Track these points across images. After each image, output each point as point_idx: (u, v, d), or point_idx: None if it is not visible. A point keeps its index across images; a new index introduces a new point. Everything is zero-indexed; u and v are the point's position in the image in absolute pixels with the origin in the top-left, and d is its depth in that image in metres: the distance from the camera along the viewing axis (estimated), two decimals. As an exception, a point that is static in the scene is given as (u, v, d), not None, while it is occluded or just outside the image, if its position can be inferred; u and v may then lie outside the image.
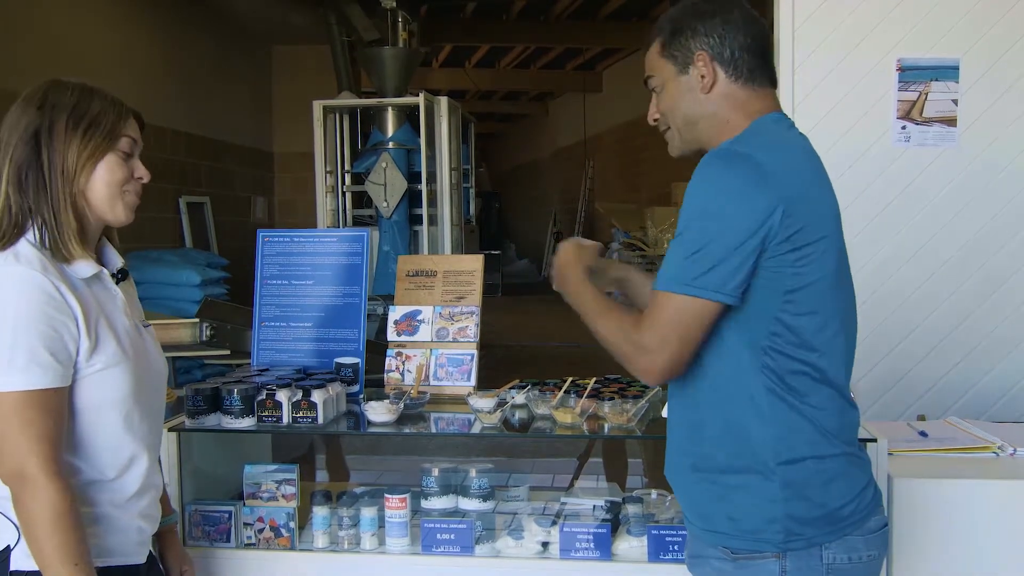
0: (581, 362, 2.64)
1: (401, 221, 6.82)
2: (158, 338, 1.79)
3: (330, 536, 2.17)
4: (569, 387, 2.25)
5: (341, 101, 7.11)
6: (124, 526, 1.61)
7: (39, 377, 1.46)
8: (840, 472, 1.51)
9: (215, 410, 2.17)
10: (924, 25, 3.30)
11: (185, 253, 6.68)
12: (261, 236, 2.55)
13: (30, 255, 1.52)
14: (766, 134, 1.55)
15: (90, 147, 1.56)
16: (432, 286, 2.57)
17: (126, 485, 1.61)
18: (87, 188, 1.58)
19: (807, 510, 1.48)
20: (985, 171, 3.31)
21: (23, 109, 1.56)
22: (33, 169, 1.55)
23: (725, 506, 1.52)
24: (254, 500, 2.18)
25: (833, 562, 1.49)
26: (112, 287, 1.64)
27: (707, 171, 1.47)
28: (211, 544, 2.15)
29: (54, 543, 1.46)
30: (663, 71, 1.61)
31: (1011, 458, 2.21)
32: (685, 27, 1.57)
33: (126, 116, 1.61)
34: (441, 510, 2.24)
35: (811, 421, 1.49)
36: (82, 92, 1.58)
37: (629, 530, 2.14)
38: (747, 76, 1.57)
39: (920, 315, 3.36)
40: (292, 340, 2.48)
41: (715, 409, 1.53)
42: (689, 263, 1.44)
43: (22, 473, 1.46)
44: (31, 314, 1.47)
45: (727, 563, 1.52)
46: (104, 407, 1.56)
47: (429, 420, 2.30)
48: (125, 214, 1.63)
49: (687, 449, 1.59)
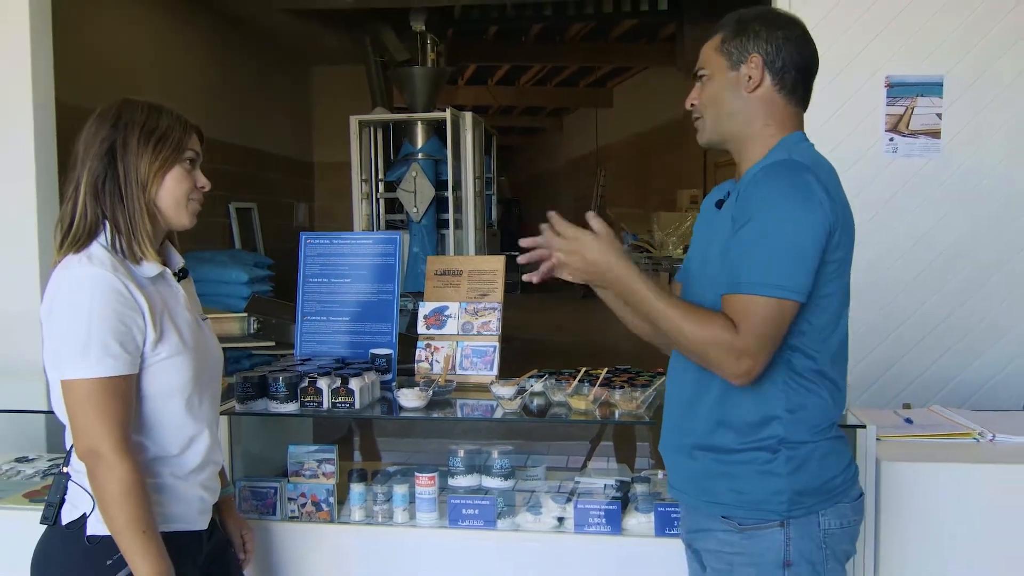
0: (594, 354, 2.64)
1: (429, 225, 6.83)
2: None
3: (366, 510, 2.19)
4: (583, 376, 2.25)
5: (375, 116, 7.13)
6: (187, 496, 1.63)
7: (110, 366, 1.49)
8: (832, 449, 1.55)
9: (262, 396, 2.19)
10: (910, 45, 3.27)
11: (234, 254, 6.70)
12: (304, 238, 2.57)
13: (102, 256, 1.54)
14: (809, 151, 1.55)
15: (159, 160, 1.58)
16: (458, 284, 2.58)
17: (188, 460, 1.63)
18: (157, 197, 1.60)
19: (807, 482, 1.50)
20: (967, 179, 3.28)
21: (98, 126, 1.59)
22: (110, 180, 1.57)
23: (730, 481, 1.52)
24: (297, 477, 2.20)
25: (828, 527, 1.52)
26: (174, 284, 1.66)
27: (781, 179, 1.45)
28: (259, 516, 2.17)
29: (124, 514, 1.48)
30: (715, 64, 1.58)
31: (990, 444, 2.19)
32: (748, 29, 1.55)
33: (189, 131, 1.64)
34: (466, 487, 2.25)
35: (816, 410, 1.51)
36: (151, 110, 1.61)
37: (637, 507, 2.14)
38: (789, 89, 1.56)
39: (906, 312, 3.33)
40: (331, 333, 2.50)
41: (728, 396, 1.51)
42: (774, 267, 1.40)
43: (96, 451, 1.49)
44: (103, 310, 1.49)
45: (733, 534, 1.52)
46: (168, 392, 1.58)
47: (455, 406, 2.31)
48: (190, 220, 1.66)
49: (689, 429, 1.58)
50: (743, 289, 1.42)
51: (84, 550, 1.54)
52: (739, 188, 1.53)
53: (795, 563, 1.49)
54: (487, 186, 7.56)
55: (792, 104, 1.57)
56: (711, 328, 1.42)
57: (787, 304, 1.41)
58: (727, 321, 1.42)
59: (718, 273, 1.51)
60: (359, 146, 6.87)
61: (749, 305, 1.41)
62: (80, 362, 1.48)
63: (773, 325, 1.41)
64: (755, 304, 1.41)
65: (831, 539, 1.52)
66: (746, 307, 1.41)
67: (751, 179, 1.50)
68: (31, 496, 2.29)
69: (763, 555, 1.50)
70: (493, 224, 7.93)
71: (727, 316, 1.43)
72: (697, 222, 1.72)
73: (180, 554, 1.59)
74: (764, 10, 1.59)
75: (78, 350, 1.48)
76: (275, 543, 2.14)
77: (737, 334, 1.40)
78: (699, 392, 1.55)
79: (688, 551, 1.70)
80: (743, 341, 1.40)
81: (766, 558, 1.50)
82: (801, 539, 1.50)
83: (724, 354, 1.41)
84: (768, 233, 1.41)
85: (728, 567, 1.53)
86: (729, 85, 1.56)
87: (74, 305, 1.50)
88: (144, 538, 1.49)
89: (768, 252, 1.41)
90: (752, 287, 1.41)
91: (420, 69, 7.37)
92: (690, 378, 1.57)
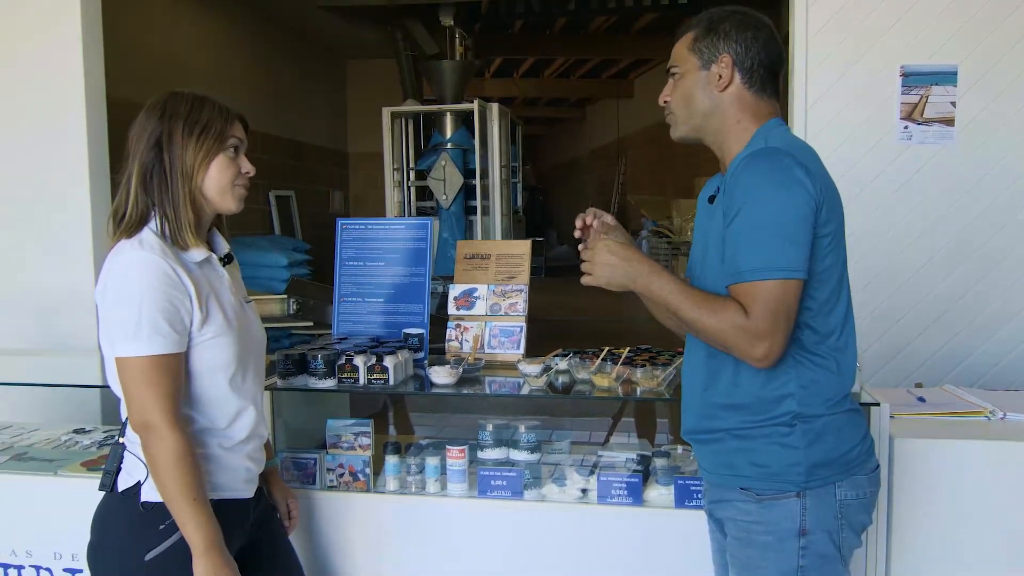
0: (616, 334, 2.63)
1: (458, 212, 6.83)
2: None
3: (400, 481, 2.20)
4: (606, 355, 2.23)
5: (406, 108, 7.13)
6: (233, 466, 1.65)
7: (160, 344, 1.51)
8: (848, 422, 1.53)
9: (302, 372, 2.20)
10: (925, 35, 3.21)
11: (274, 239, 6.75)
12: (340, 224, 2.57)
13: (152, 242, 1.55)
14: (784, 135, 1.54)
15: (203, 149, 1.59)
16: (487, 267, 2.57)
17: (235, 432, 1.65)
18: (203, 184, 1.61)
19: (824, 454, 1.49)
20: (980, 166, 3.22)
21: (147, 118, 1.59)
22: (157, 171, 1.58)
23: (749, 455, 1.51)
24: (335, 449, 2.21)
25: (844, 498, 1.50)
26: (219, 269, 1.67)
27: (760, 167, 1.44)
28: (300, 486, 2.19)
29: (175, 482, 1.50)
30: (687, 62, 1.58)
31: (1001, 422, 2.15)
32: (719, 29, 1.55)
33: (232, 120, 1.64)
34: (494, 460, 2.25)
35: (827, 384, 1.50)
36: (195, 101, 1.61)
37: (658, 480, 2.13)
38: (759, 87, 1.56)
39: (919, 294, 3.28)
40: (366, 313, 2.50)
41: (742, 377, 1.50)
42: (769, 250, 1.40)
43: (148, 423, 1.51)
44: (153, 292, 1.51)
45: (751, 504, 1.51)
46: (214, 369, 1.60)
47: (484, 383, 2.30)
48: (236, 204, 1.66)
49: (707, 412, 1.57)
50: (746, 277, 1.42)
51: (138, 515, 1.56)
52: (724, 181, 1.52)
53: (811, 532, 1.48)
54: (513, 174, 7.54)
55: (763, 99, 1.56)
56: (726, 316, 1.42)
57: (790, 284, 1.41)
58: (739, 307, 1.42)
59: (717, 266, 1.51)
60: (391, 136, 6.88)
61: (754, 291, 1.41)
62: (132, 341, 1.50)
63: (781, 306, 1.41)
64: (760, 289, 1.40)
65: (847, 510, 1.51)
66: (752, 293, 1.41)
67: (732, 171, 1.49)
68: (88, 465, 2.33)
69: (780, 524, 1.49)
70: (519, 210, 7.92)
71: (739, 303, 1.43)
72: (696, 218, 1.72)
73: (227, 521, 1.60)
74: (734, 10, 1.58)
75: (130, 330, 1.50)
76: (315, 511, 2.16)
77: (748, 319, 1.40)
78: (713, 375, 1.55)
79: (710, 521, 1.70)
80: (755, 325, 1.40)
81: (783, 527, 1.49)
82: (817, 509, 1.49)
83: (741, 340, 1.41)
84: (758, 219, 1.41)
85: (746, 534, 1.53)
86: (700, 83, 1.56)
87: (126, 287, 1.52)
88: (194, 505, 1.51)
89: (761, 237, 1.41)
90: (754, 273, 1.41)
91: (449, 62, 7.34)
92: (704, 362, 1.56)
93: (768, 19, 1.59)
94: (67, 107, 3.44)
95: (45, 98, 3.46)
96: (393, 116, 6.88)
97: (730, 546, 1.58)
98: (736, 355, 1.45)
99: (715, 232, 1.53)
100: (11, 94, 3.49)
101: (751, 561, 1.53)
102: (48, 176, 3.49)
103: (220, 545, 1.53)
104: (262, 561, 1.75)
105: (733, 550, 1.57)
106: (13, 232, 3.54)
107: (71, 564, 2.22)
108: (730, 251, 1.45)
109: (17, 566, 2.26)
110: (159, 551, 1.54)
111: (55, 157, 3.47)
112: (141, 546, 1.55)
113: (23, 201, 3.52)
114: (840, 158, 3.11)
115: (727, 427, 1.54)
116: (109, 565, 1.59)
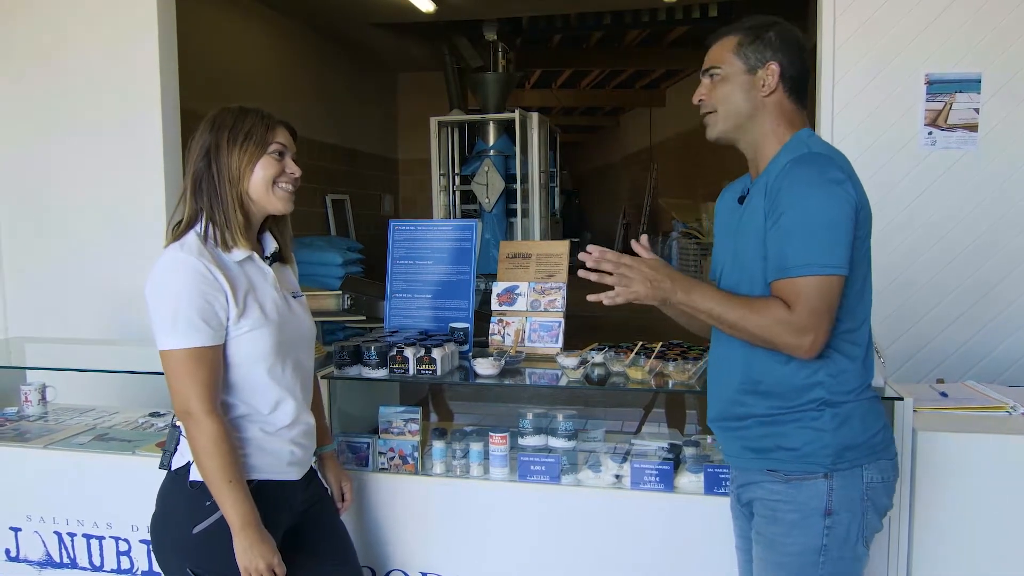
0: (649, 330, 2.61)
1: (500, 214, 6.84)
2: (310, 307, 1.82)
3: (445, 465, 2.21)
4: (639, 349, 2.22)
5: (452, 117, 7.15)
6: (276, 450, 1.66)
7: (196, 338, 1.53)
8: (871, 408, 1.52)
9: (357, 363, 2.23)
10: (950, 45, 3.12)
11: (330, 239, 6.81)
12: (392, 225, 2.59)
13: (192, 244, 1.58)
14: (823, 144, 1.53)
15: (246, 155, 1.60)
16: (527, 266, 2.57)
17: (278, 419, 1.66)
18: (249, 188, 1.62)
19: (852, 437, 1.48)
20: (1002, 170, 3.12)
21: (200, 132, 1.63)
22: (207, 179, 1.60)
23: (778, 438, 1.50)
24: (386, 434, 2.23)
25: (871, 481, 1.49)
26: (263, 266, 1.67)
27: (807, 171, 1.43)
28: (354, 468, 2.21)
29: (212, 464, 1.53)
30: (732, 66, 1.54)
31: (1022, 416, 2.08)
32: (765, 37, 1.53)
33: (274, 126, 1.64)
34: (534, 447, 2.25)
35: (853, 372, 1.49)
36: (239, 113, 1.63)
37: (688, 467, 2.11)
38: (796, 96, 1.56)
39: (942, 293, 3.19)
40: (416, 308, 2.52)
41: (774, 364, 1.48)
42: (815, 247, 1.39)
43: (187, 411, 1.54)
44: (189, 290, 1.53)
45: (779, 484, 1.50)
46: (253, 360, 1.61)
47: (524, 374, 2.30)
48: (283, 205, 1.66)
49: (739, 400, 1.54)
50: (792, 272, 1.40)
51: (187, 492, 1.60)
52: (766, 183, 1.48)
53: (836, 512, 1.46)
54: (551, 179, 7.51)
55: (798, 108, 1.56)
56: (770, 313, 1.41)
57: (834, 279, 1.40)
58: (781, 303, 1.41)
59: (754, 265, 1.48)
60: (438, 144, 6.91)
61: (798, 286, 1.39)
62: (171, 335, 1.53)
63: (824, 299, 1.39)
64: (805, 284, 1.39)
65: (872, 491, 1.49)
66: (797, 288, 1.40)
67: (779, 174, 1.46)
68: (162, 446, 2.36)
69: (807, 503, 1.47)
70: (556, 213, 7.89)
71: (781, 299, 1.41)
72: (717, 221, 1.69)
73: (272, 501, 1.63)
74: (775, 20, 1.56)
75: (168, 325, 1.53)
76: (368, 492, 2.18)
77: (792, 313, 1.39)
78: (744, 364, 1.53)
79: (735, 507, 1.67)
80: (799, 318, 1.39)
81: (809, 506, 1.47)
82: (844, 489, 1.47)
83: (787, 333, 1.40)
84: (805, 219, 1.40)
85: (772, 512, 1.51)
86: (744, 86, 1.53)
87: (165, 286, 1.55)
88: (230, 486, 1.53)
89: (808, 235, 1.39)
90: (800, 269, 1.39)
91: (492, 74, 7.35)
92: (734, 352, 1.54)
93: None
94: (144, 118, 3.52)
95: (124, 109, 3.54)
96: (440, 125, 6.91)
97: (756, 525, 1.56)
98: (781, 350, 1.43)
99: (750, 232, 1.50)
100: (94, 106, 3.58)
101: (776, 538, 1.50)
102: (127, 182, 3.57)
103: (256, 523, 1.56)
104: (313, 543, 1.77)
105: (759, 528, 1.54)
106: (96, 233, 3.64)
107: (146, 536, 2.28)
108: (774, 249, 1.43)
109: (99, 537, 2.33)
110: (205, 525, 1.58)
111: (133, 164, 3.56)
112: (190, 520, 1.58)
113: (105, 204, 3.61)
114: (866, 162, 3.04)
115: (756, 413, 1.52)
116: (164, 535, 1.63)
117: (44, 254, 3.71)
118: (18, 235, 3.75)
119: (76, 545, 2.34)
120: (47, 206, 3.69)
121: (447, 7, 6.84)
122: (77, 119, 3.60)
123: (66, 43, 3.60)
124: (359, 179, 8.73)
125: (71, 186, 3.64)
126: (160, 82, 3.49)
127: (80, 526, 2.34)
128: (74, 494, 2.34)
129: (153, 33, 3.48)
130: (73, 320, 3.63)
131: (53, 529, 2.35)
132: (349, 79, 8.54)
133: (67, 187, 3.65)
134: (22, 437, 2.48)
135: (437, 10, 6.83)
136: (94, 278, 3.63)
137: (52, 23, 3.62)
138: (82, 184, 3.63)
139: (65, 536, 2.35)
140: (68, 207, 3.66)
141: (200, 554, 1.58)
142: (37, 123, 3.66)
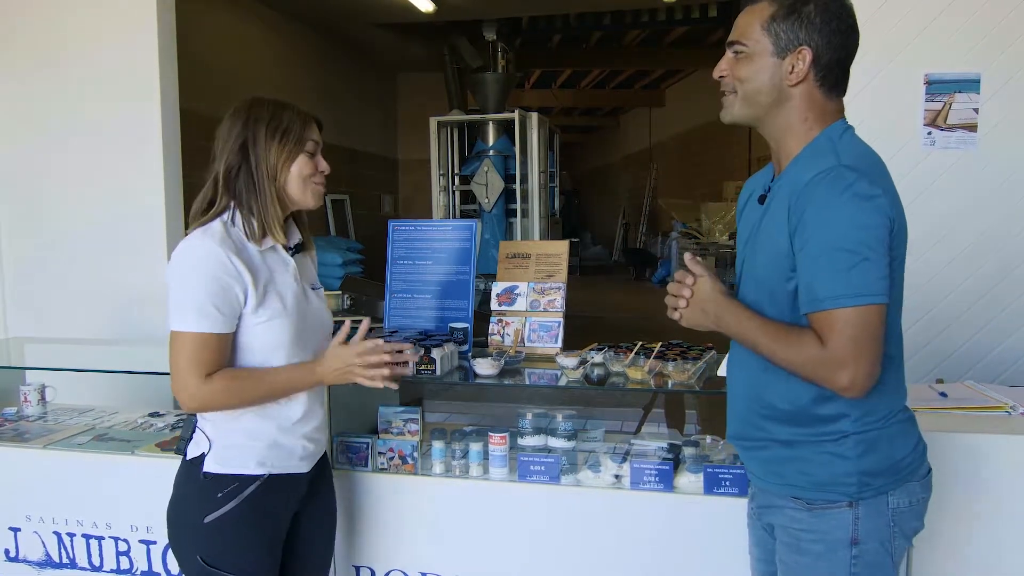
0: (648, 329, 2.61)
1: (499, 214, 6.84)
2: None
3: (445, 465, 2.20)
4: (639, 349, 2.22)
5: (452, 117, 7.15)
6: (290, 446, 1.68)
7: (204, 324, 1.53)
8: (900, 431, 1.41)
9: (356, 363, 2.22)
10: (949, 45, 3.11)
11: (330, 239, 6.80)
12: (392, 225, 2.58)
13: (216, 231, 1.58)
14: (854, 147, 1.37)
15: (285, 151, 1.61)
16: (527, 266, 2.56)
17: (292, 412, 1.67)
18: (286, 183, 1.63)
19: (877, 463, 1.37)
20: (1001, 170, 3.11)
21: (232, 124, 1.62)
22: (244, 172, 1.60)
23: (799, 464, 1.40)
24: (386, 434, 2.22)
25: (897, 507, 1.39)
26: (285, 257, 1.68)
27: (834, 190, 1.26)
28: (352, 468, 2.21)
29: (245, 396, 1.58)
30: (759, 44, 1.35)
31: (1021, 417, 2.08)
32: (803, 12, 1.32)
33: (309, 123, 1.66)
34: (533, 447, 2.24)
35: (882, 403, 1.38)
36: (276, 107, 1.63)
37: (688, 468, 2.10)
38: (831, 85, 1.37)
39: (941, 293, 3.19)
40: (415, 308, 2.51)
41: (797, 391, 1.37)
42: (850, 276, 1.24)
43: (185, 388, 1.54)
44: (205, 276, 1.53)
45: (802, 512, 1.40)
46: (271, 348, 1.62)
47: (524, 374, 2.30)
48: (315, 201, 1.69)
49: (757, 423, 1.45)
50: (825, 305, 1.26)
51: (200, 483, 1.61)
52: (789, 194, 1.33)
53: (862, 541, 1.37)
54: (551, 179, 7.52)
55: (832, 98, 1.38)
56: (802, 349, 1.29)
57: (872, 309, 1.25)
58: (814, 337, 1.28)
59: (764, 275, 1.38)
60: (438, 144, 6.92)
61: (831, 319, 1.26)
62: (182, 318, 1.54)
63: (865, 331, 1.25)
64: (836, 317, 1.25)
65: (900, 518, 1.39)
66: (828, 322, 1.26)
67: (803, 190, 1.30)
68: (162, 446, 2.38)
69: (831, 532, 1.38)
70: (556, 213, 7.89)
71: (815, 332, 1.28)
72: (740, 219, 1.57)
73: (282, 491, 1.65)
74: None
75: (180, 307, 1.54)
76: (367, 492, 2.18)
77: (824, 349, 1.26)
78: (764, 386, 1.42)
79: (754, 521, 1.58)
80: (833, 355, 1.26)
81: (834, 535, 1.37)
82: (869, 518, 1.37)
83: (821, 370, 1.28)
84: (835, 244, 1.25)
85: (796, 541, 1.42)
86: (769, 70, 1.35)
87: (182, 270, 1.55)
88: (273, 386, 1.60)
89: (840, 263, 1.24)
90: (834, 301, 1.25)
91: (491, 75, 7.36)
92: (753, 370, 1.44)
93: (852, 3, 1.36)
94: (144, 118, 3.51)
95: (124, 110, 3.53)
96: (440, 125, 6.92)
97: (780, 552, 1.47)
98: (823, 385, 1.30)
99: (767, 244, 1.38)
100: (93, 108, 3.57)
101: (800, 569, 1.42)
102: (127, 182, 3.57)
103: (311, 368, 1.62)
104: (302, 537, 1.78)
105: (782, 555, 1.46)
106: (96, 234, 3.63)
107: (146, 536, 2.27)
108: (805, 278, 1.29)
109: (98, 537, 2.33)
110: (216, 515, 1.59)
111: (133, 164, 3.55)
112: (202, 509, 1.59)
113: (106, 206, 3.60)
114: (865, 163, 3.04)
115: (776, 438, 1.43)
116: (178, 522, 1.64)
117: (44, 254, 3.70)
118: (18, 235, 3.75)
119: (75, 545, 2.34)
120: (47, 206, 3.69)
121: (447, 7, 6.85)
122: (77, 119, 3.59)
123: (66, 43, 3.59)
124: (359, 179, 8.73)
125: (71, 186, 3.64)
126: (160, 82, 3.48)
127: (79, 526, 2.33)
128: (73, 494, 2.34)
129: (153, 33, 3.48)
130: (72, 320, 3.63)
131: (52, 529, 2.35)
132: (349, 79, 8.54)
133: (67, 187, 3.65)
134: (21, 437, 2.48)
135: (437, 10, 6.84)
136: (93, 278, 3.63)
137: (52, 23, 3.61)
138: (82, 184, 3.62)
139: (64, 536, 2.35)
140: (68, 207, 3.66)
141: (211, 543, 1.59)
142: (37, 123, 3.66)
